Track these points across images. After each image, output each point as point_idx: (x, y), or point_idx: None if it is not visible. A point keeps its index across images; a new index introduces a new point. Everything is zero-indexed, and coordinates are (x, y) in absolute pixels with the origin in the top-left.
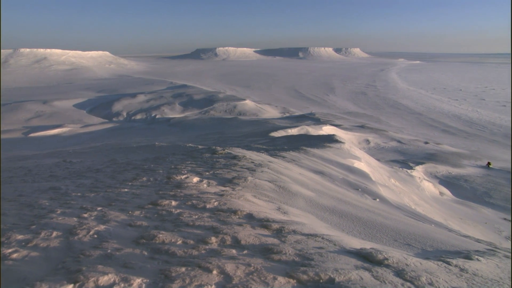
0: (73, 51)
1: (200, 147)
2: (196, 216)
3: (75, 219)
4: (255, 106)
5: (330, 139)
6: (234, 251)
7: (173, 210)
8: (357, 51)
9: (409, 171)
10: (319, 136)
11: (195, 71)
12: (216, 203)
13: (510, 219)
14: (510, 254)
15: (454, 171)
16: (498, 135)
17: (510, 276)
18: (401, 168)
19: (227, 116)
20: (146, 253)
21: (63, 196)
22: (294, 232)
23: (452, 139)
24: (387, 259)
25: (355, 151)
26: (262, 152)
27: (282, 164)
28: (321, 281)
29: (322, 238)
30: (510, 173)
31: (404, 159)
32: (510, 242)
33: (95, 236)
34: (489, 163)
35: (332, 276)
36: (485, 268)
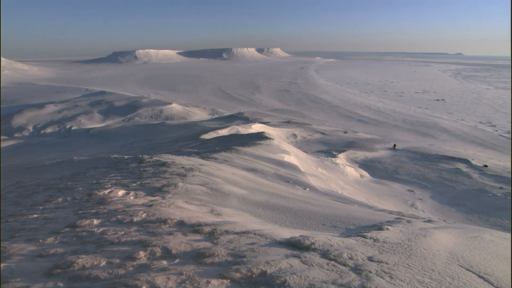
0: None
1: (126, 157)
2: (122, 232)
3: None
4: (183, 109)
5: (260, 137)
6: (164, 262)
7: (95, 229)
8: (278, 50)
9: (333, 159)
10: (249, 135)
11: (113, 76)
12: (144, 215)
13: (413, 190)
14: (410, 219)
15: (370, 155)
16: (399, 120)
17: (409, 237)
18: (326, 157)
19: (154, 121)
20: (62, 284)
21: None
22: (227, 232)
23: (366, 127)
24: (313, 243)
25: (284, 146)
26: (193, 156)
27: (214, 166)
28: (253, 276)
29: (254, 233)
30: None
31: (328, 148)
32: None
33: None
34: (395, 145)
35: (264, 269)
36: (392, 235)
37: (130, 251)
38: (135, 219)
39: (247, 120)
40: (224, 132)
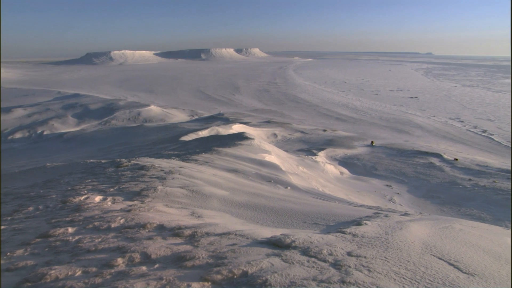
0: None
1: (103, 161)
2: (99, 239)
3: None
4: (162, 111)
5: (241, 137)
6: (144, 268)
7: (70, 238)
8: (256, 51)
9: (313, 157)
10: (229, 135)
11: (88, 78)
12: (122, 221)
13: (391, 185)
14: (388, 214)
15: (349, 152)
16: (375, 118)
17: (386, 231)
18: (306, 156)
19: (132, 124)
20: None
21: None
22: (207, 234)
23: (344, 125)
24: (294, 241)
25: (265, 146)
26: (173, 158)
27: (194, 168)
28: (235, 277)
29: (235, 234)
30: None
31: (308, 147)
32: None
33: None
34: (372, 142)
35: (245, 269)
36: (370, 229)
37: (107, 259)
38: (112, 225)
39: (227, 121)
40: (204, 133)
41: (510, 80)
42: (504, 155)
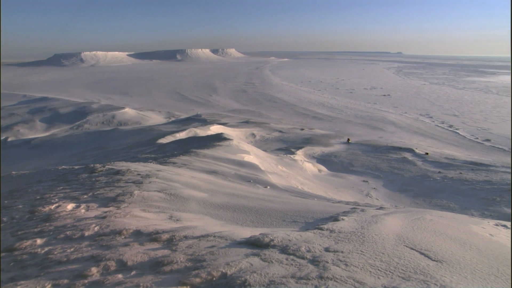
0: None
1: (76, 167)
2: (72, 249)
3: None
4: (137, 113)
5: (219, 138)
6: (120, 275)
7: (39, 250)
8: (232, 51)
9: (292, 156)
10: (208, 137)
11: (57, 80)
12: (96, 228)
13: (367, 180)
14: (364, 208)
15: (326, 149)
16: (351, 116)
17: (362, 225)
18: (285, 155)
19: (106, 128)
20: None
21: None
22: (186, 237)
23: (321, 123)
24: (273, 240)
25: (244, 146)
26: (151, 162)
27: (172, 171)
28: (214, 279)
29: (214, 236)
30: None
31: (286, 146)
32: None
33: None
34: (348, 139)
35: (224, 271)
36: (347, 224)
37: (80, 269)
38: (86, 234)
39: (205, 122)
40: (181, 135)
41: (471, 78)
42: (469, 148)
